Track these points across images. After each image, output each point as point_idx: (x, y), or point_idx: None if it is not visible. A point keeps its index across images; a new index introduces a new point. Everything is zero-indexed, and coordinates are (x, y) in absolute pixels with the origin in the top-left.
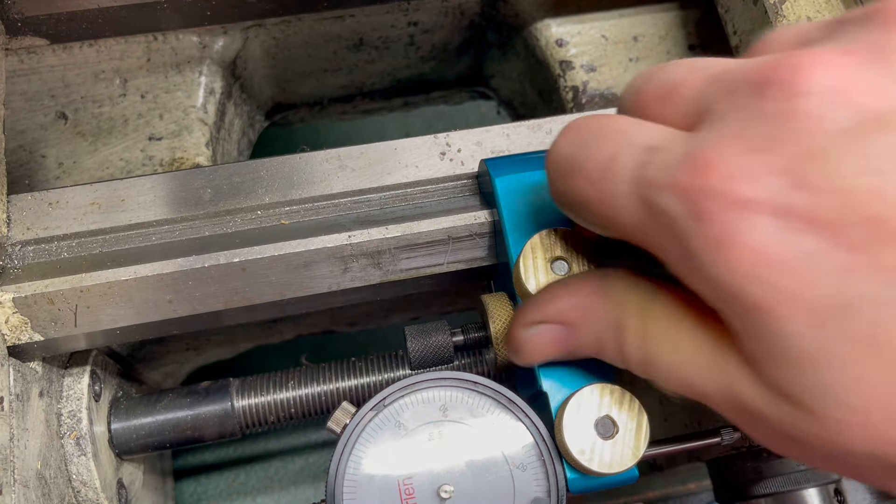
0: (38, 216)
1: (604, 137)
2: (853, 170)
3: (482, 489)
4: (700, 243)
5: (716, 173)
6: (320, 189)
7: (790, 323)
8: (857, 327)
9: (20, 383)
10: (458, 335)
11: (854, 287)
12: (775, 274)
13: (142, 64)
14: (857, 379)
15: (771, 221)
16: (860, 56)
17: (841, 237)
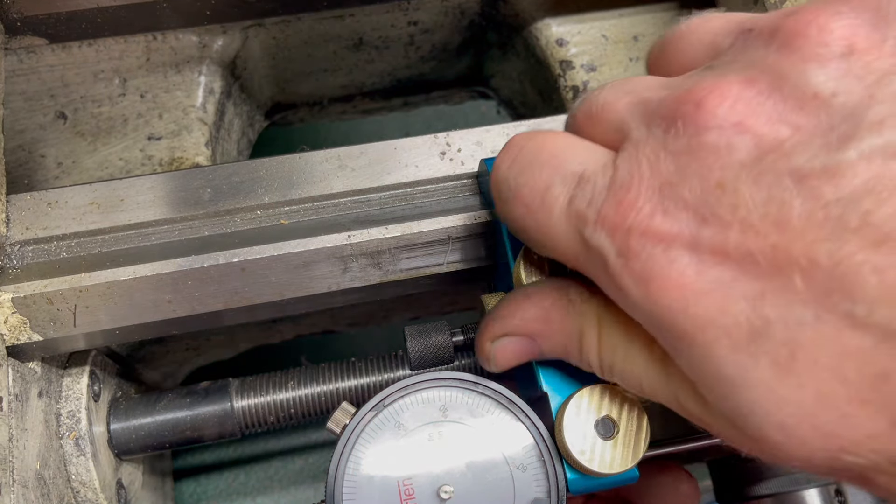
0: (38, 216)
1: (539, 163)
2: (755, 201)
3: (482, 490)
4: (626, 279)
5: (634, 210)
6: (320, 189)
7: (712, 349)
8: (775, 349)
9: (19, 383)
10: (458, 335)
11: (767, 311)
12: (694, 304)
13: (141, 63)
14: (782, 398)
15: (686, 255)
16: (762, 85)
17: (749, 266)
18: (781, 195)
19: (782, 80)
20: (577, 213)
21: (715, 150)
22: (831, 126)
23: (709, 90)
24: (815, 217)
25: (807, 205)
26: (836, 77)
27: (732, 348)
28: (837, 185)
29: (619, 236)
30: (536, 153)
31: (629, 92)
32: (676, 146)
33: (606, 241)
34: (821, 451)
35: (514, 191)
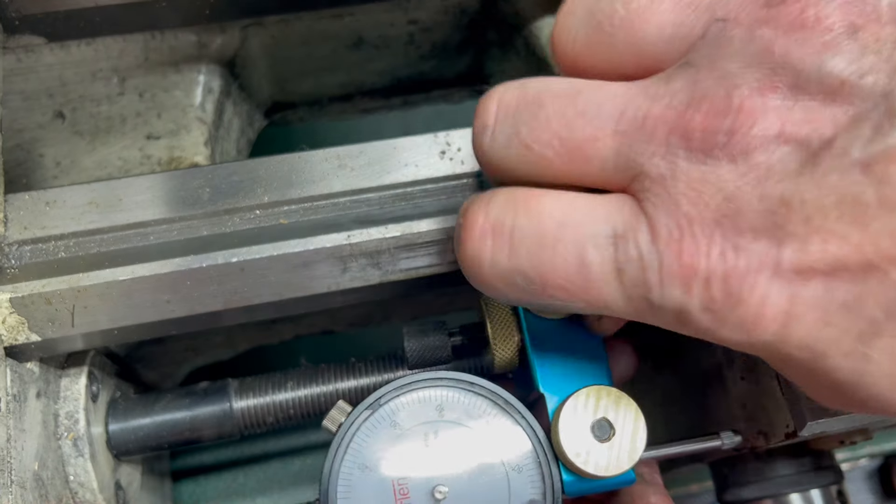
0: (36, 216)
1: (553, 239)
2: (825, 205)
3: (477, 491)
4: (719, 327)
5: (703, 258)
6: (319, 188)
7: (822, 363)
8: (890, 344)
9: (17, 384)
10: (456, 335)
11: (872, 310)
12: (796, 329)
13: (140, 63)
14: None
15: (774, 284)
16: (783, 88)
17: (840, 273)
18: (851, 190)
19: (803, 76)
20: (633, 282)
21: (766, 168)
22: (871, 108)
23: (732, 108)
24: (892, 201)
25: (881, 192)
26: (856, 58)
27: (845, 355)
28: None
29: (698, 289)
30: (539, 228)
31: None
32: (719, 175)
33: (684, 298)
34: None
35: (540, 280)
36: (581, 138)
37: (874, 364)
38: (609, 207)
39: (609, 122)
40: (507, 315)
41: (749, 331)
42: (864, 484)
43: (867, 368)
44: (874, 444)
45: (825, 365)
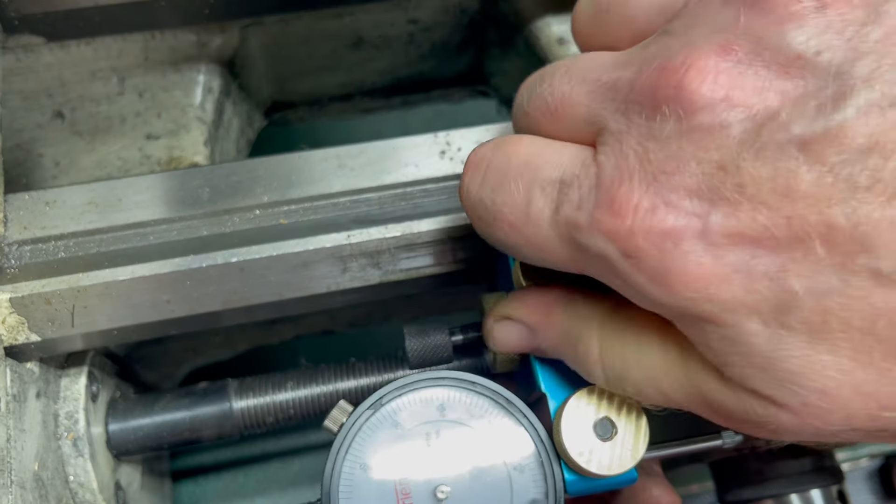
0: (35, 216)
1: (512, 176)
2: (761, 176)
3: (479, 490)
4: (640, 278)
5: (632, 208)
6: (319, 188)
7: (743, 328)
8: (806, 318)
9: (17, 384)
10: (457, 335)
11: (792, 283)
12: (717, 290)
13: (139, 62)
14: (820, 364)
15: (699, 244)
16: (739, 52)
17: (766, 242)
18: (787, 165)
19: (760, 44)
20: (566, 221)
21: (709, 130)
22: (822, 87)
23: (685, 66)
24: (825, 181)
25: (814, 171)
26: (817, 34)
27: (763, 323)
28: (841, 146)
29: (623, 237)
30: (506, 166)
31: (585, 77)
32: (664, 133)
33: (607, 244)
34: (862, 411)
35: (493, 211)
36: (560, 98)
37: (790, 336)
38: (569, 157)
39: (587, 84)
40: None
41: (670, 286)
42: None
43: (783, 339)
44: (874, 444)
45: (743, 328)
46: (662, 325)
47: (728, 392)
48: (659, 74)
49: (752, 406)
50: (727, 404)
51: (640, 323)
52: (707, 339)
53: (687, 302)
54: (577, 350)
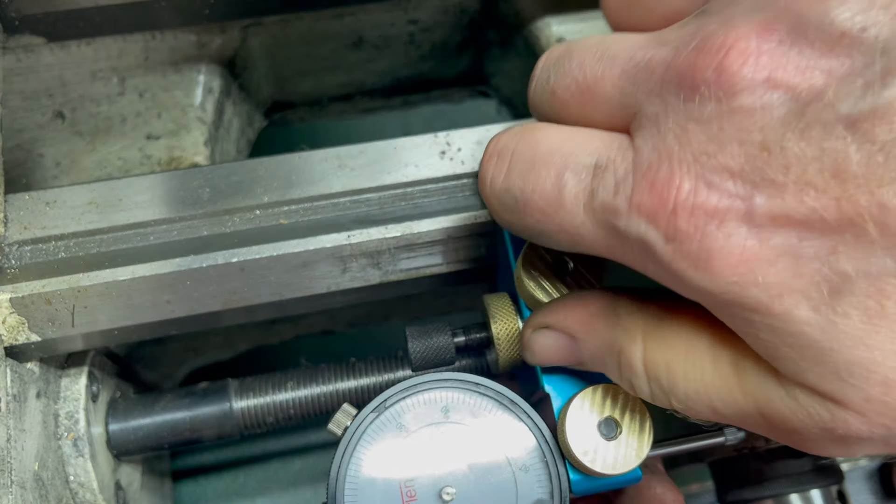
0: (36, 216)
1: (542, 163)
2: (807, 156)
3: (484, 491)
4: (681, 263)
5: (674, 190)
6: (319, 188)
7: (793, 314)
8: (861, 302)
9: (17, 384)
10: (459, 336)
11: (843, 266)
12: (764, 273)
13: (140, 63)
14: (880, 354)
15: (744, 226)
16: (781, 31)
17: (815, 224)
18: (834, 145)
19: (803, 22)
20: (603, 207)
21: (750, 112)
22: (868, 63)
23: (725, 47)
24: (875, 161)
25: (863, 150)
26: (862, 10)
27: (815, 310)
28: (891, 123)
29: (664, 220)
30: (534, 153)
31: (617, 57)
32: (704, 114)
33: (648, 228)
34: None
35: (522, 200)
36: (592, 79)
37: (845, 323)
38: (602, 142)
39: (619, 63)
40: (511, 314)
41: (713, 270)
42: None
43: (837, 326)
44: None
45: (793, 316)
46: (713, 333)
47: (786, 397)
48: (697, 55)
49: (814, 409)
50: (786, 412)
51: (689, 332)
52: (755, 331)
53: (731, 287)
54: (621, 362)
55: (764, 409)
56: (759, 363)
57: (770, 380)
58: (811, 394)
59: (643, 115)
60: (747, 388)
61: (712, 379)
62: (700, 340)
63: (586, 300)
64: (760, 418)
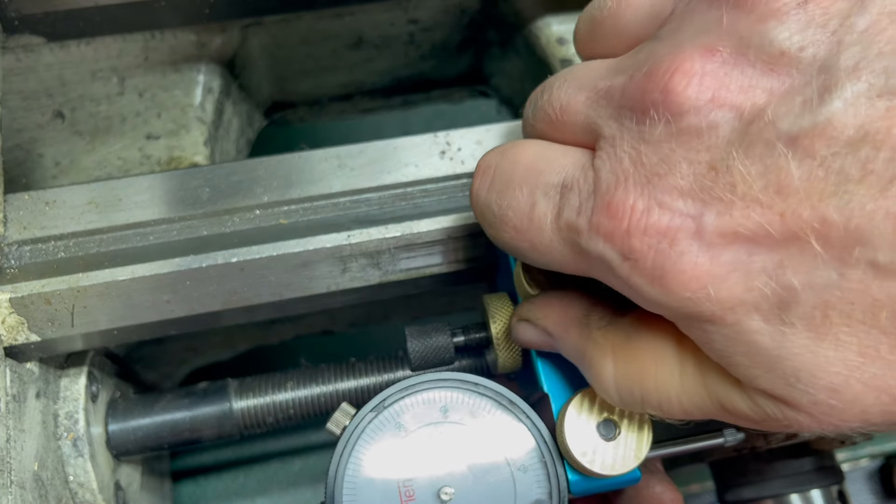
0: (35, 216)
1: (517, 182)
2: (752, 174)
3: (483, 491)
4: (638, 280)
5: (628, 210)
6: (319, 188)
7: (744, 325)
8: (808, 313)
9: (17, 384)
10: (458, 336)
11: (790, 279)
12: (716, 288)
13: (139, 62)
14: (826, 359)
15: (695, 243)
16: (724, 53)
17: (762, 240)
18: (777, 162)
19: (744, 43)
20: (567, 226)
21: (697, 132)
22: (807, 81)
23: (671, 70)
24: (816, 176)
25: (804, 166)
26: (799, 30)
27: (765, 321)
28: (830, 139)
29: (619, 240)
30: (511, 171)
31: (582, 86)
32: (654, 136)
33: (606, 247)
34: (874, 405)
35: (499, 216)
36: (561, 108)
37: (793, 333)
38: (572, 159)
39: (584, 92)
40: (511, 314)
41: (668, 286)
42: (864, 484)
43: (786, 336)
44: (875, 444)
45: (745, 326)
46: (679, 342)
47: (745, 398)
48: (646, 79)
49: (770, 409)
50: (747, 411)
51: (657, 343)
52: (710, 340)
53: (686, 302)
54: (591, 375)
55: (728, 409)
56: (720, 369)
57: (730, 384)
58: (766, 396)
59: (602, 137)
60: (712, 391)
61: (681, 386)
62: (667, 350)
63: (565, 302)
64: (727, 415)
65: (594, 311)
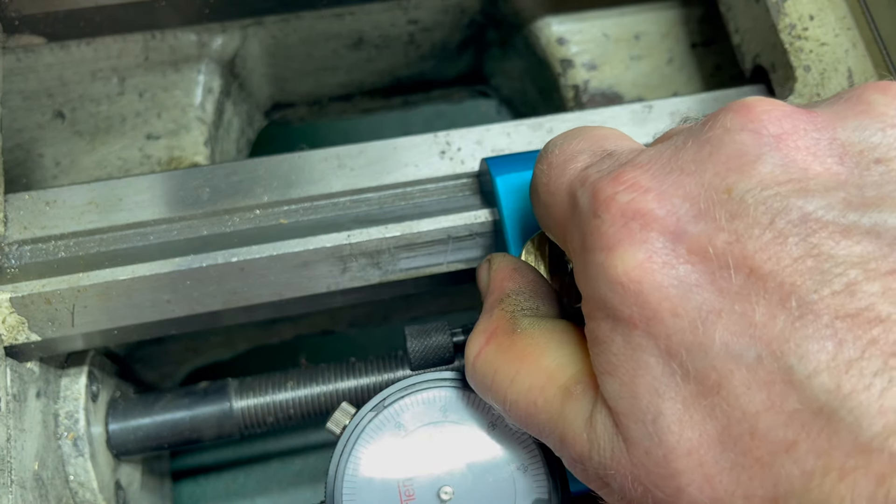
0: (36, 215)
1: (583, 136)
2: (756, 219)
3: (483, 490)
4: (592, 241)
5: (629, 181)
6: (319, 188)
7: (642, 344)
8: (701, 369)
9: (17, 384)
10: (458, 335)
11: (714, 332)
12: (647, 293)
13: (140, 62)
14: (684, 420)
15: (660, 240)
16: (820, 119)
17: (720, 278)
18: (782, 227)
19: (840, 123)
20: (581, 177)
21: (741, 151)
22: (860, 186)
23: (767, 102)
24: (804, 264)
25: (801, 248)
26: (889, 144)
27: (665, 353)
28: (837, 242)
29: (602, 199)
30: (589, 129)
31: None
32: (705, 135)
33: (587, 199)
34: (693, 496)
35: (550, 151)
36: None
37: (679, 388)
38: (634, 143)
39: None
40: None
41: (609, 256)
42: None
43: (669, 381)
44: None
45: (648, 355)
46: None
47: (591, 416)
48: (737, 102)
49: (604, 440)
50: (579, 433)
51: (549, 341)
52: (611, 342)
53: (614, 286)
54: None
55: (564, 426)
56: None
57: (589, 399)
58: (610, 419)
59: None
60: (567, 402)
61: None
62: (557, 350)
63: (506, 269)
64: (556, 434)
65: (538, 300)
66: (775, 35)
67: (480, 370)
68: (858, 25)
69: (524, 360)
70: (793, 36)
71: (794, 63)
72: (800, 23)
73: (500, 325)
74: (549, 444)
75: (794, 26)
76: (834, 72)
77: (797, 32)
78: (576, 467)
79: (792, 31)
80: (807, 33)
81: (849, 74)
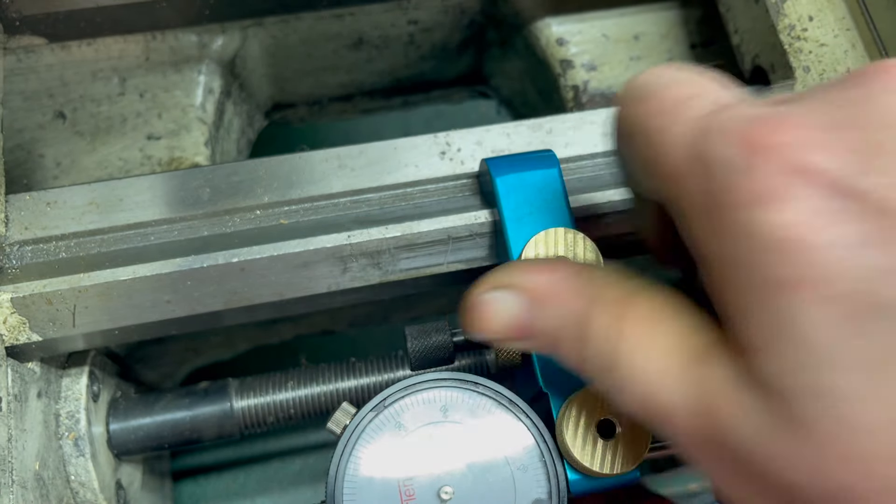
0: (36, 216)
1: (691, 81)
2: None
3: (483, 490)
4: (738, 196)
5: (788, 133)
6: (319, 188)
7: (812, 310)
8: (890, 336)
9: (18, 384)
10: (458, 335)
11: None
12: (810, 252)
13: (140, 63)
14: (869, 396)
15: (826, 196)
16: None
17: (894, 234)
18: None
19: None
20: (711, 124)
21: (891, 110)
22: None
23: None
24: None
25: None
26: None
27: (840, 318)
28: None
29: (754, 150)
30: (692, 73)
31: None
32: (853, 96)
33: (734, 152)
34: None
35: (653, 92)
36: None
37: (869, 353)
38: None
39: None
40: None
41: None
42: None
43: (859, 353)
44: None
45: (817, 317)
46: (690, 318)
47: (746, 397)
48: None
49: (767, 427)
50: (734, 420)
51: (666, 308)
52: (756, 310)
53: (769, 245)
54: (586, 332)
55: (706, 413)
56: (726, 356)
57: (731, 376)
58: (778, 408)
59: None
60: (698, 386)
61: (665, 366)
62: (670, 322)
63: (553, 264)
64: (696, 424)
65: (593, 269)
66: (774, 36)
67: (596, 341)
68: (858, 26)
69: (649, 325)
70: (792, 37)
71: (793, 64)
72: (799, 23)
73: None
74: (667, 427)
75: (794, 27)
76: (833, 72)
77: (796, 33)
78: (705, 453)
79: (791, 32)
80: (806, 34)
81: None
